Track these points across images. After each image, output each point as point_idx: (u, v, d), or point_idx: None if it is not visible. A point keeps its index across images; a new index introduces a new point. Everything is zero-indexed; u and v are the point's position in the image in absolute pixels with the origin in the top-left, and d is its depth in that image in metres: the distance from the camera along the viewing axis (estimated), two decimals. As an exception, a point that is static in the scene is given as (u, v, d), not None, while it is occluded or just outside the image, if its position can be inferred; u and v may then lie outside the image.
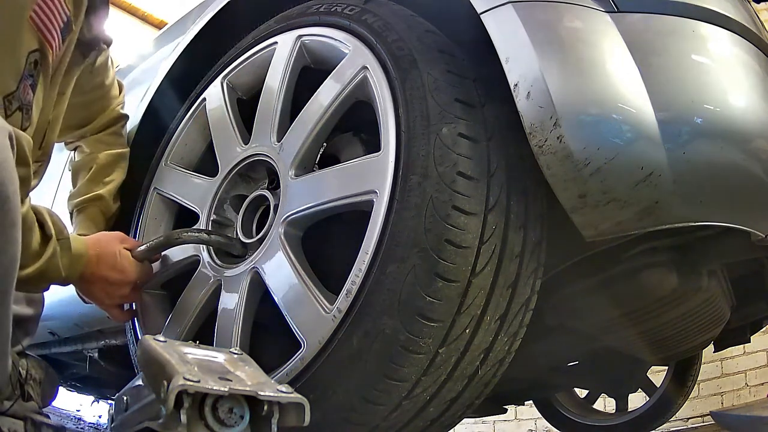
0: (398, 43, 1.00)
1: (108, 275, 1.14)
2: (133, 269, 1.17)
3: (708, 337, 1.54)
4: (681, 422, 3.31)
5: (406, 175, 0.90)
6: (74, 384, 2.22)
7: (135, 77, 1.83)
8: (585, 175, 0.86)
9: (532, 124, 0.87)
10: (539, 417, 2.63)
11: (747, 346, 3.18)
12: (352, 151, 1.15)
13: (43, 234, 1.01)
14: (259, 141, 1.17)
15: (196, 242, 1.16)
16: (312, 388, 0.91)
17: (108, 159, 1.46)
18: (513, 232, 0.92)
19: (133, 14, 7.20)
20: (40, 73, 1.03)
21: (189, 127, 1.38)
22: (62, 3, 1.04)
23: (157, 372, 0.55)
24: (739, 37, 0.96)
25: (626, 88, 0.87)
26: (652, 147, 0.86)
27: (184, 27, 1.58)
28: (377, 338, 0.87)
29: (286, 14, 1.26)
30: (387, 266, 0.88)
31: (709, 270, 1.27)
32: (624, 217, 0.90)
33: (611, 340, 1.48)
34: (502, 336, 0.95)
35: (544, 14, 0.91)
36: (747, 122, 0.91)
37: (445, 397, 0.95)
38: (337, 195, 0.99)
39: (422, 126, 0.92)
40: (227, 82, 1.32)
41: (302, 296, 0.97)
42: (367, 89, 1.03)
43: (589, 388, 2.50)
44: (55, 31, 1.03)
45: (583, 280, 1.25)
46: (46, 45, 1.01)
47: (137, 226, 1.37)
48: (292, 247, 1.03)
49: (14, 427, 1.10)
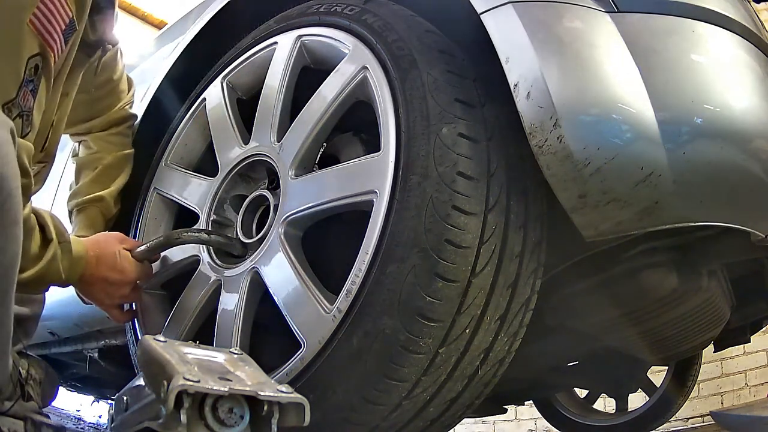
0: (398, 43, 1.00)
1: (107, 276, 1.14)
2: (133, 269, 1.17)
3: (708, 337, 1.54)
4: (681, 422, 3.31)
5: (406, 175, 0.90)
6: (74, 384, 2.22)
7: (135, 77, 1.83)
8: (585, 176, 0.86)
9: (532, 125, 0.87)
10: (539, 417, 2.63)
11: (747, 346, 3.18)
12: (352, 151, 1.15)
13: (44, 237, 1.00)
14: (259, 141, 1.17)
15: (196, 242, 1.16)
16: (312, 388, 0.91)
17: (114, 161, 1.45)
18: (513, 232, 0.92)
19: (133, 14, 7.21)
20: (41, 77, 1.01)
21: (189, 127, 1.38)
22: (64, 4, 1.01)
23: (157, 372, 0.55)
24: (739, 37, 0.96)
25: (626, 89, 0.87)
26: (652, 147, 0.86)
27: (184, 27, 1.58)
28: (377, 338, 0.87)
29: (286, 14, 1.26)
30: (387, 266, 0.88)
31: (709, 270, 1.27)
32: (624, 217, 0.90)
33: (611, 340, 1.48)
34: (502, 336, 0.95)
35: (544, 14, 0.91)
36: (747, 122, 0.91)
37: (445, 397, 0.95)
38: (337, 195, 0.99)
39: (422, 126, 0.92)
40: (227, 82, 1.32)
41: (302, 296, 0.97)
42: (367, 89, 1.03)
43: (589, 388, 2.50)
44: (57, 34, 1.01)
45: (583, 280, 1.25)
46: (47, 49, 0.99)
47: (137, 226, 1.37)
48: (292, 247, 1.03)
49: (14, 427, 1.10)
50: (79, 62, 1.21)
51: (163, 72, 1.51)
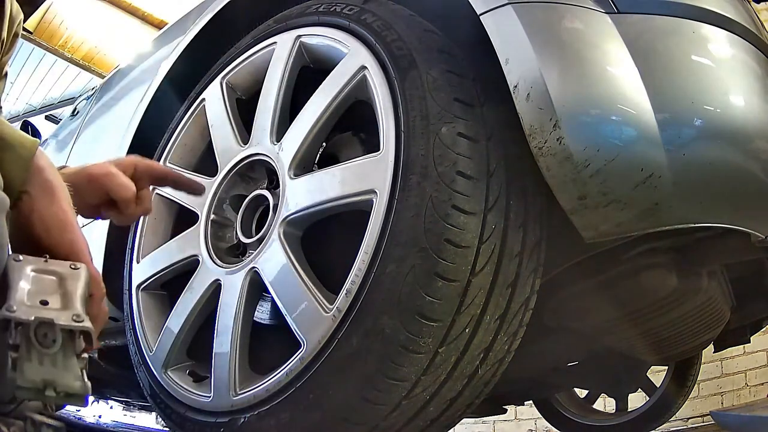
0: (397, 43, 1.00)
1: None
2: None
3: (708, 337, 1.54)
4: (681, 422, 3.31)
5: (406, 175, 0.90)
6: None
7: (135, 77, 1.84)
8: (585, 177, 0.86)
9: (532, 126, 0.87)
10: (539, 417, 2.63)
11: (747, 346, 3.18)
12: (352, 151, 1.15)
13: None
14: (259, 141, 1.17)
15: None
16: (312, 388, 0.91)
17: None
18: (512, 231, 0.92)
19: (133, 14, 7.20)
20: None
21: (188, 127, 1.38)
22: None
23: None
24: (739, 38, 0.96)
25: (626, 90, 0.87)
26: (652, 148, 0.86)
27: (184, 27, 1.58)
28: (377, 338, 0.87)
29: (286, 14, 1.26)
30: (387, 266, 0.88)
31: (709, 271, 1.27)
32: (624, 218, 0.90)
33: (611, 341, 1.48)
34: (501, 335, 0.95)
35: (544, 15, 0.91)
36: (747, 123, 0.91)
37: (445, 397, 0.95)
38: (337, 195, 0.99)
39: (422, 126, 0.92)
40: (227, 82, 1.32)
41: (302, 296, 0.97)
42: (366, 89, 1.03)
43: (589, 388, 2.50)
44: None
45: (583, 280, 1.25)
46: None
47: (137, 226, 1.37)
48: (291, 247, 1.03)
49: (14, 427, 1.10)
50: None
51: (163, 72, 1.51)
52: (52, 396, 0.55)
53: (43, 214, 0.67)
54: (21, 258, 0.60)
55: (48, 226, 0.67)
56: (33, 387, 0.53)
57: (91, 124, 2.11)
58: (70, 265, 0.62)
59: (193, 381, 1.17)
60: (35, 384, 0.53)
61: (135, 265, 1.33)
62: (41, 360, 0.54)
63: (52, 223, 0.67)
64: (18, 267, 0.59)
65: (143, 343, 1.25)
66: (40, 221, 0.67)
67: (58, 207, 0.68)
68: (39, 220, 0.67)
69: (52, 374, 0.54)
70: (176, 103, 1.46)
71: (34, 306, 0.56)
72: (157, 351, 1.21)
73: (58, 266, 0.61)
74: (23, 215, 0.66)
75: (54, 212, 0.68)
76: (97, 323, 0.67)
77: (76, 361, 0.56)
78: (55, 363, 0.55)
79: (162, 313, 1.27)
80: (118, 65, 2.22)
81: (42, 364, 0.54)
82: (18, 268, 0.59)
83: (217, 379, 1.06)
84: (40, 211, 0.67)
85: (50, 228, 0.67)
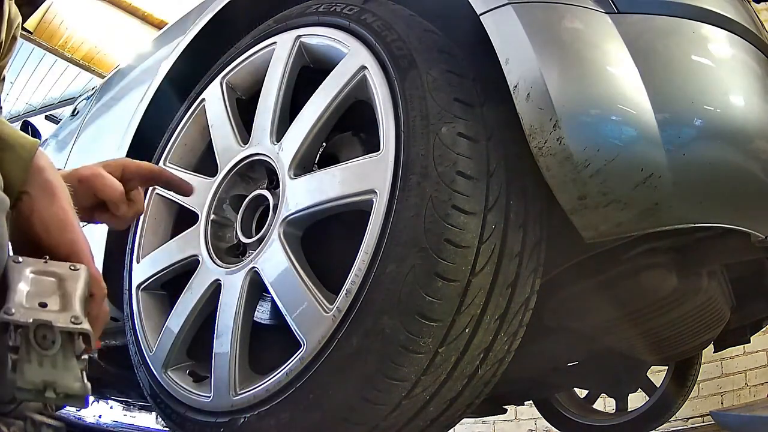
0: (397, 43, 1.00)
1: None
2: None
3: (708, 337, 1.54)
4: (681, 422, 3.31)
5: (406, 175, 0.90)
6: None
7: (135, 77, 1.84)
8: (585, 177, 0.86)
9: (532, 126, 0.87)
10: (539, 417, 2.63)
11: (747, 346, 3.18)
12: (352, 151, 1.15)
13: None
14: (259, 141, 1.17)
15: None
16: (312, 388, 0.91)
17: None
18: (512, 231, 0.92)
19: (133, 14, 7.20)
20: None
21: (188, 127, 1.38)
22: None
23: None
24: (739, 37, 0.96)
25: (626, 90, 0.87)
26: (652, 148, 0.86)
27: (184, 27, 1.58)
28: (377, 338, 0.87)
29: (286, 14, 1.26)
30: (387, 266, 0.88)
31: (709, 271, 1.27)
32: (624, 218, 0.90)
33: (611, 341, 1.48)
34: (501, 335, 0.95)
35: (544, 15, 0.90)
36: (747, 123, 0.91)
37: (445, 397, 0.95)
38: (337, 195, 0.99)
39: (422, 126, 0.92)
40: (226, 82, 1.32)
41: (302, 296, 0.97)
42: (366, 89, 1.03)
43: (589, 388, 2.50)
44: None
45: (583, 280, 1.25)
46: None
47: (137, 226, 1.37)
48: (291, 247, 1.03)
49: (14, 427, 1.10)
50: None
51: (163, 72, 1.51)
52: (52, 397, 0.55)
53: (43, 214, 0.67)
54: (21, 260, 0.60)
55: (48, 226, 0.67)
56: (33, 388, 0.53)
57: (91, 124, 2.11)
58: (69, 266, 0.62)
59: (193, 381, 1.17)
60: (35, 385, 0.53)
61: (135, 265, 1.33)
62: (41, 361, 0.54)
63: (53, 223, 0.67)
64: (18, 268, 0.59)
65: (143, 343, 1.25)
66: (40, 221, 0.67)
67: (59, 207, 0.68)
68: (39, 221, 0.67)
69: (52, 375, 0.54)
70: (176, 103, 1.46)
71: (32, 308, 0.56)
72: (157, 351, 1.21)
73: (58, 267, 0.61)
74: (23, 215, 0.67)
75: (54, 212, 0.68)
76: (98, 323, 0.68)
77: (75, 363, 0.56)
78: (55, 364, 0.55)
79: (162, 313, 1.27)
80: (118, 65, 2.22)
81: (42, 365, 0.54)
82: (18, 269, 0.59)
83: (217, 379, 1.06)
84: (40, 212, 0.67)
85: (50, 228, 0.67)
